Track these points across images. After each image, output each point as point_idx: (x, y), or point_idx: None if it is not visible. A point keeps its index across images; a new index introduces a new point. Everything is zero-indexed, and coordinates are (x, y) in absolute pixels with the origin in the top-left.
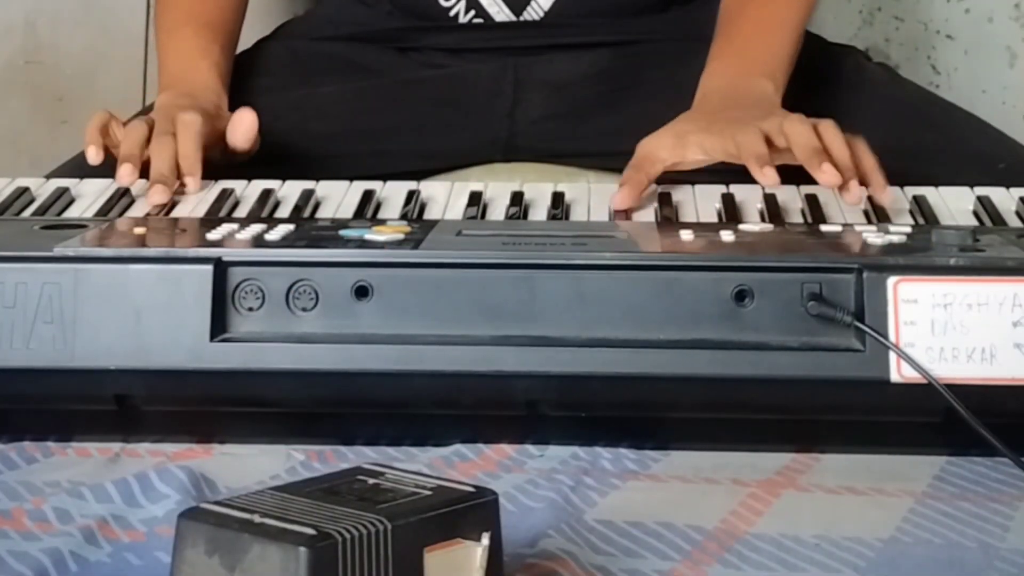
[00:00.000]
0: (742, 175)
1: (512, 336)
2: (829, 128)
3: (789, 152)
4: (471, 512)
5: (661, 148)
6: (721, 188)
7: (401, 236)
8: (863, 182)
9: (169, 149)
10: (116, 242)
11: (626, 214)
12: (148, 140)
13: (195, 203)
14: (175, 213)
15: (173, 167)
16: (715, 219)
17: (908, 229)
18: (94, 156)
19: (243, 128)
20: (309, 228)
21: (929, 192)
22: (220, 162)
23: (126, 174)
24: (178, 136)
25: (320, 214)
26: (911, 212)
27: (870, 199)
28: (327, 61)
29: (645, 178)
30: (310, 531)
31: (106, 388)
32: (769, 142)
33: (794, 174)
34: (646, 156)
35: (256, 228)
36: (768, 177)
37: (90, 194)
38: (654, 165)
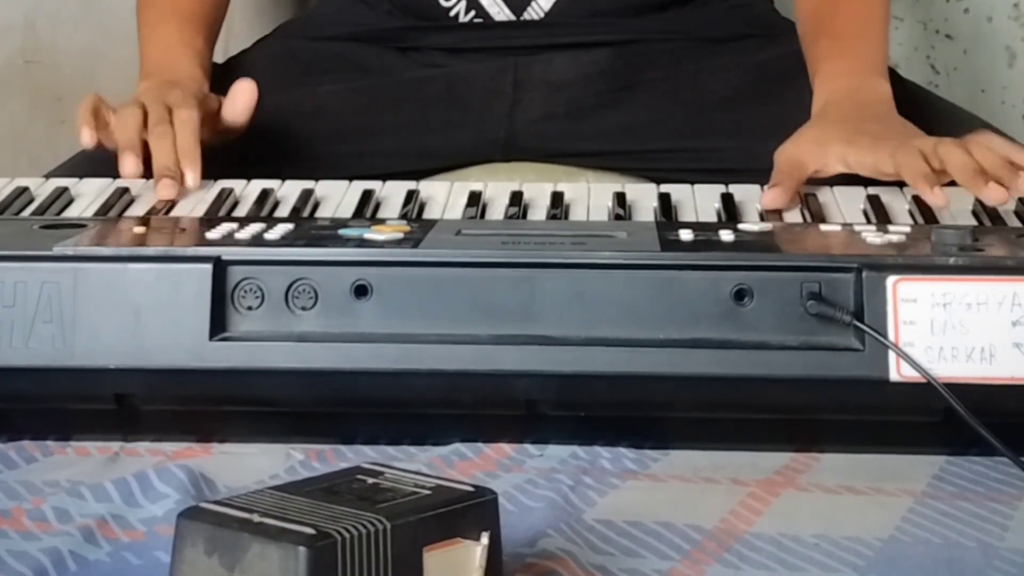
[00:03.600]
0: (742, 175)
1: (511, 335)
2: (975, 144)
3: (944, 173)
4: (470, 511)
5: (804, 155)
6: (720, 187)
7: (400, 235)
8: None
9: (169, 140)
10: (115, 241)
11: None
12: (143, 125)
13: (194, 202)
14: (174, 213)
15: (175, 159)
16: (714, 218)
17: (907, 229)
18: (87, 138)
19: (243, 99)
20: (308, 227)
21: None
22: (211, 143)
23: (131, 165)
24: (176, 129)
25: (319, 213)
26: (910, 212)
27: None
28: (327, 61)
29: (795, 184)
30: (309, 530)
31: (105, 387)
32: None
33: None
34: (791, 163)
35: (255, 227)
36: (939, 198)
37: (89, 193)
38: (802, 171)
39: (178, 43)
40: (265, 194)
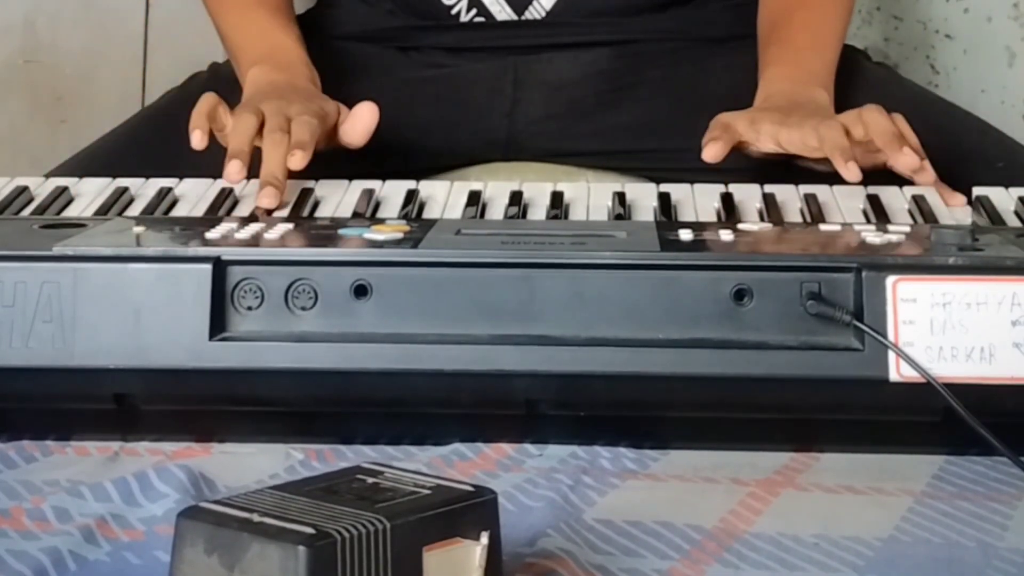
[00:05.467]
0: (741, 175)
1: (511, 335)
2: (900, 118)
3: (866, 145)
4: (470, 511)
5: (738, 123)
6: (720, 187)
7: (400, 235)
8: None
9: (283, 148)
10: (115, 241)
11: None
12: (258, 132)
13: (194, 202)
14: (175, 212)
15: (285, 168)
16: (714, 218)
17: (907, 228)
18: (198, 141)
19: (363, 123)
20: (308, 227)
21: (928, 191)
22: (324, 150)
23: (235, 171)
24: (294, 129)
25: (319, 213)
26: (910, 211)
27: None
28: (327, 60)
29: (732, 139)
30: (309, 530)
31: (105, 387)
32: (847, 134)
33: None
34: (725, 125)
35: (255, 227)
36: (852, 172)
37: (89, 193)
38: (734, 134)
39: (277, 28)
40: None
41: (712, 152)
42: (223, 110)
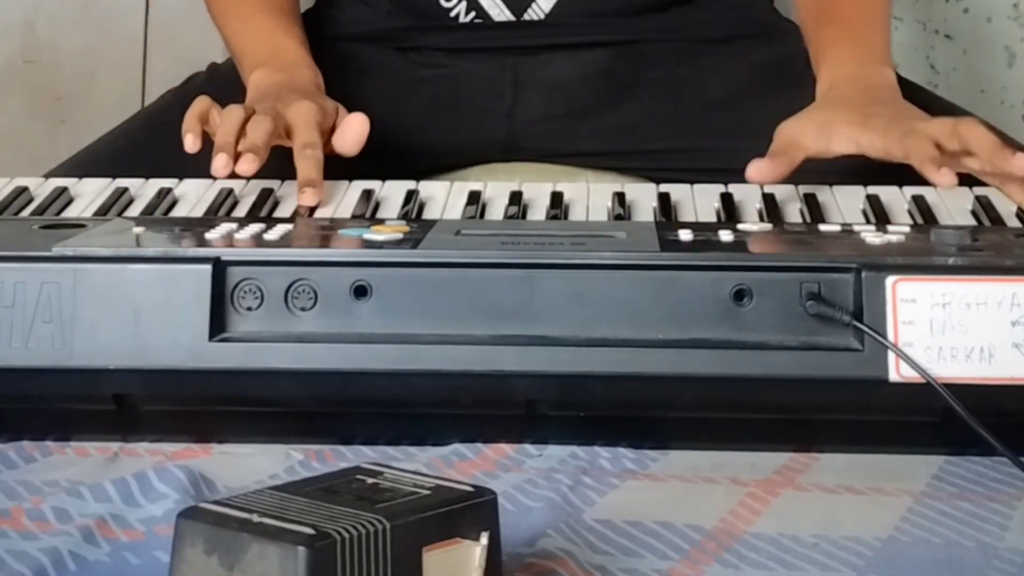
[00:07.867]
0: (741, 175)
1: (511, 336)
2: (987, 126)
3: (960, 157)
4: (470, 511)
5: (805, 135)
6: (720, 187)
7: (400, 236)
8: None
9: (266, 126)
10: (115, 241)
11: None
12: (243, 127)
13: (194, 203)
14: (174, 213)
15: (267, 141)
16: (714, 218)
17: (907, 229)
18: (191, 144)
19: (354, 132)
20: (308, 227)
21: (928, 192)
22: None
23: (221, 165)
24: (298, 163)
25: (318, 213)
26: (910, 212)
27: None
28: (327, 60)
29: (789, 163)
30: (309, 530)
31: (105, 387)
32: (939, 146)
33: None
34: (790, 142)
35: (255, 227)
36: (946, 177)
37: (89, 193)
38: (798, 152)
39: (279, 31)
40: (264, 194)
41: (758, 172)
42: (216, 112)
